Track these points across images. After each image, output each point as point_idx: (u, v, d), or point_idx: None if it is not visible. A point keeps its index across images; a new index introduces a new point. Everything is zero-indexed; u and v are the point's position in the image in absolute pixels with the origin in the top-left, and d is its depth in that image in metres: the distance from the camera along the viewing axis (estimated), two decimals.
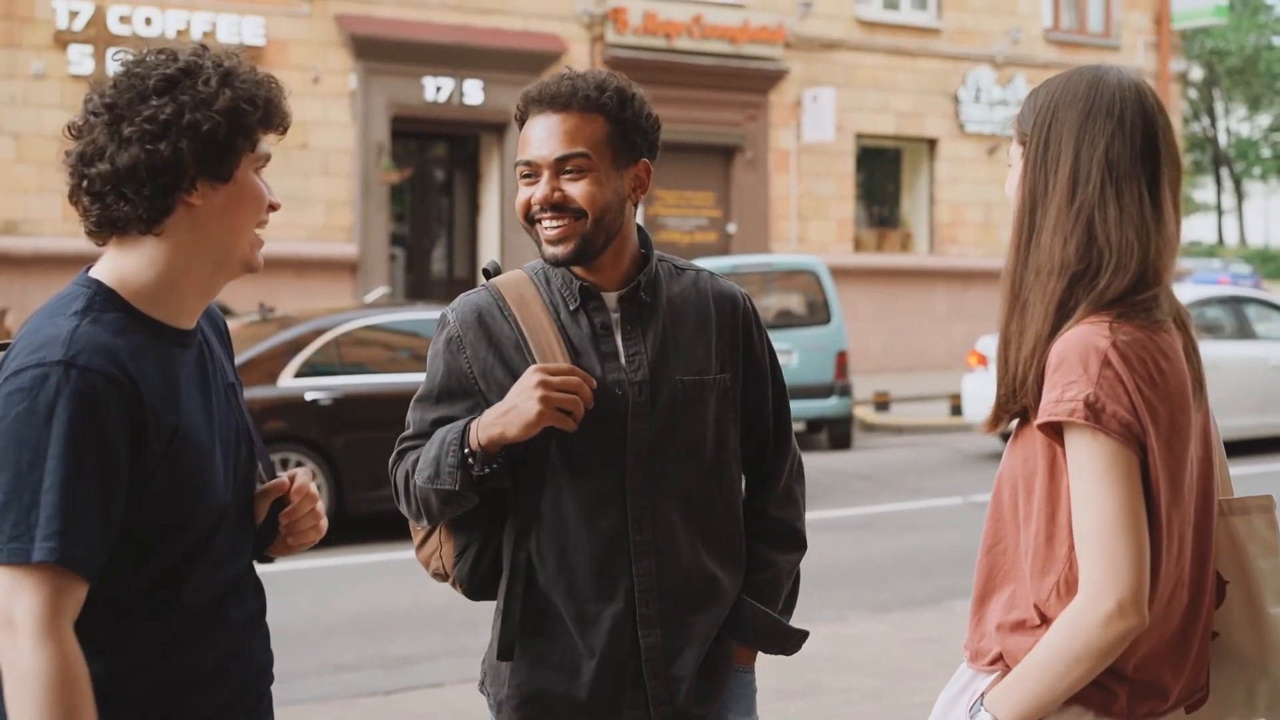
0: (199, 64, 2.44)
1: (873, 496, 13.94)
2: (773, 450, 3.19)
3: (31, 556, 2.23)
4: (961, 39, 27.12)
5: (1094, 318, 2.46)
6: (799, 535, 3.21)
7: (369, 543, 11.28)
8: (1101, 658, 2.40)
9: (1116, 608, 2.37)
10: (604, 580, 2.97)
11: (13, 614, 2.24)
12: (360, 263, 21.95)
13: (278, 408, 11.85)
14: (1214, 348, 16.63)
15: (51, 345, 2.31)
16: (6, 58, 19.78)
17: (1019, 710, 2.46)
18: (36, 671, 2.22)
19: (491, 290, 3.06)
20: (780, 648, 3.15)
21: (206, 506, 2.46)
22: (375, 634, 8.86)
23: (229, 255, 2.49)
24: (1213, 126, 51.92)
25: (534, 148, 2.97)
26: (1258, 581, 2.63)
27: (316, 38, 21.78)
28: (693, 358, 3.04)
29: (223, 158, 2.42)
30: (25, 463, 2.26)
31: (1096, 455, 2.40)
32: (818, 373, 16.94)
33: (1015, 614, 2.54)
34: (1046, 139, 2.54)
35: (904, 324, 26.36)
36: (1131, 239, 2.48)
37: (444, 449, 2.93)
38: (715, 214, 25.42)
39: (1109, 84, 2.55)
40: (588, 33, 23.80)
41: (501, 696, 3.06)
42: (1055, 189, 2.52)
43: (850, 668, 7.49)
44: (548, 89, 2.98)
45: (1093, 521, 2.40)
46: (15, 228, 19.74)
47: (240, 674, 2.57)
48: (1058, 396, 2.41)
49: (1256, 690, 2.65)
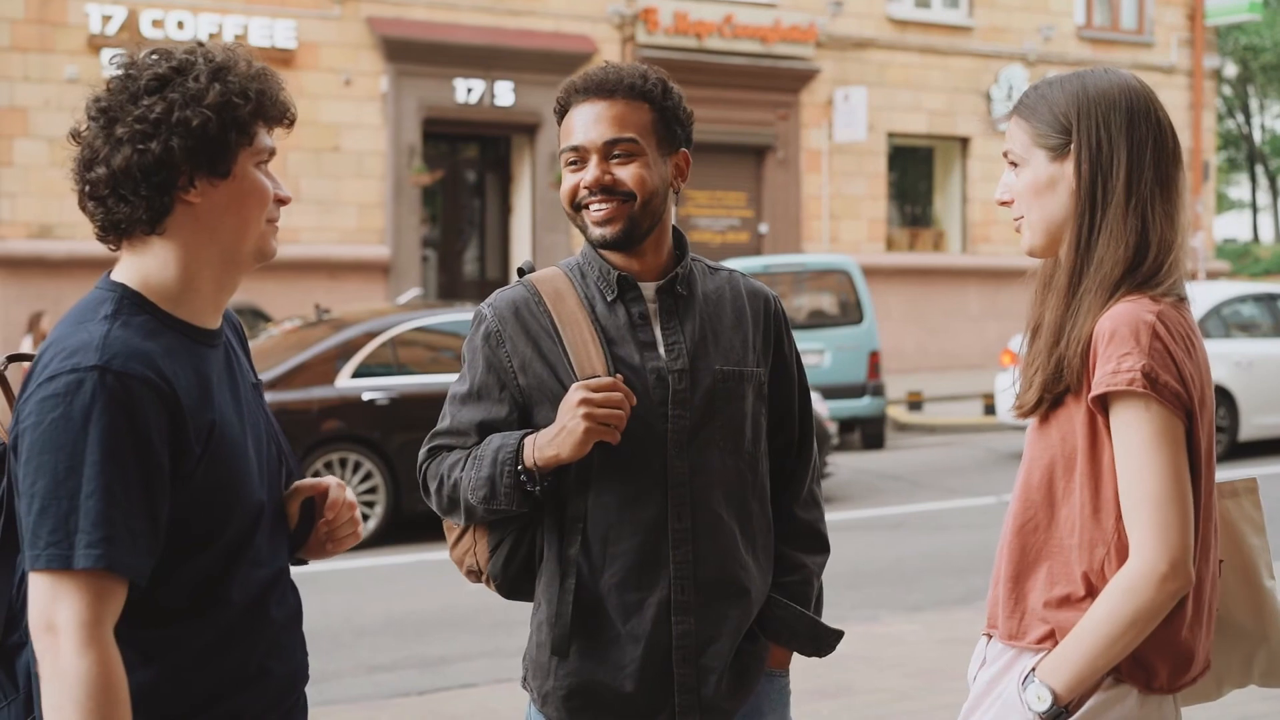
0: (191, 61, 2.42)
1: (906, 496, 13.92)
2: (796, 451, 3.21)
3: (74, 563, 2.22)
4: (993, 37, 27.03)
5: (1133, 296, 2.58)
6: (823, 538, 3.23)
7: (426, 542, 11.30)
8: (1155, 617, 2.51)
9: (1170, 568, 2.49)
10: (647, 569, 2.98)
11: (55, 620, 2.23)
12: (392, 265, 21.99)
13: (336, 408, 12.03)
14: (1249, 345, 16.54)
15: (85, 350, 2.30)
16: (40, 62, 19.91)
17: (1075, 676, 2.54)
18: (78, 678, 2.21)
19: (527, 285, 3.08)
20: (816, 648, 3.16)
21: (245, 504, 2.45)
22: (409, 635, 8.88)
23: (238, 250, 2.48)
24: (1247, 123, 51.57)
25: (581, 133, 3.00)
26: (1253, 558, 2.81)
27: (348, 40, 21.83)
28: (731, 348, 3.06)
29: (218, 153, 2.40)
30: (62, 469, 2.25)
31: (1151, 424, 2.51)
32: (850, 372, 16.92)
33: (1059, 589, 2.62)
34: (1097, 142, 2.65)
35: (937, 323, 26.28)
36: (1171, 233, 2.65)
37: (498, 469, 2.95)
38: (747, 214, 25.39)
39: (1136, 88, 2.70)
40: (619, 33, 23.80)
41: (547, 689, 3.06)
42: (1114, 190, 2.64)
43: (884, 668, 7.47)
44: (593, 77, 3.03)
45: (1145, 488, 2.51)
46: (50, 231, 19.86)
47: (282, 674, 2.57)
48: (1114, 368, 2.52)
49: (1254, 659, 2.82)
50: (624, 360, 2.99)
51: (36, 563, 2.24)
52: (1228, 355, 16.10)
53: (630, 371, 2.98)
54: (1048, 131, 2.69)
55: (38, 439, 2.27)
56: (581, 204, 3.01)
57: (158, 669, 2.35)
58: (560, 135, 3.07)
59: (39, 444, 2.27)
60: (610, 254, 3.05)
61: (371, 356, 12.33)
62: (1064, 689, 2.54)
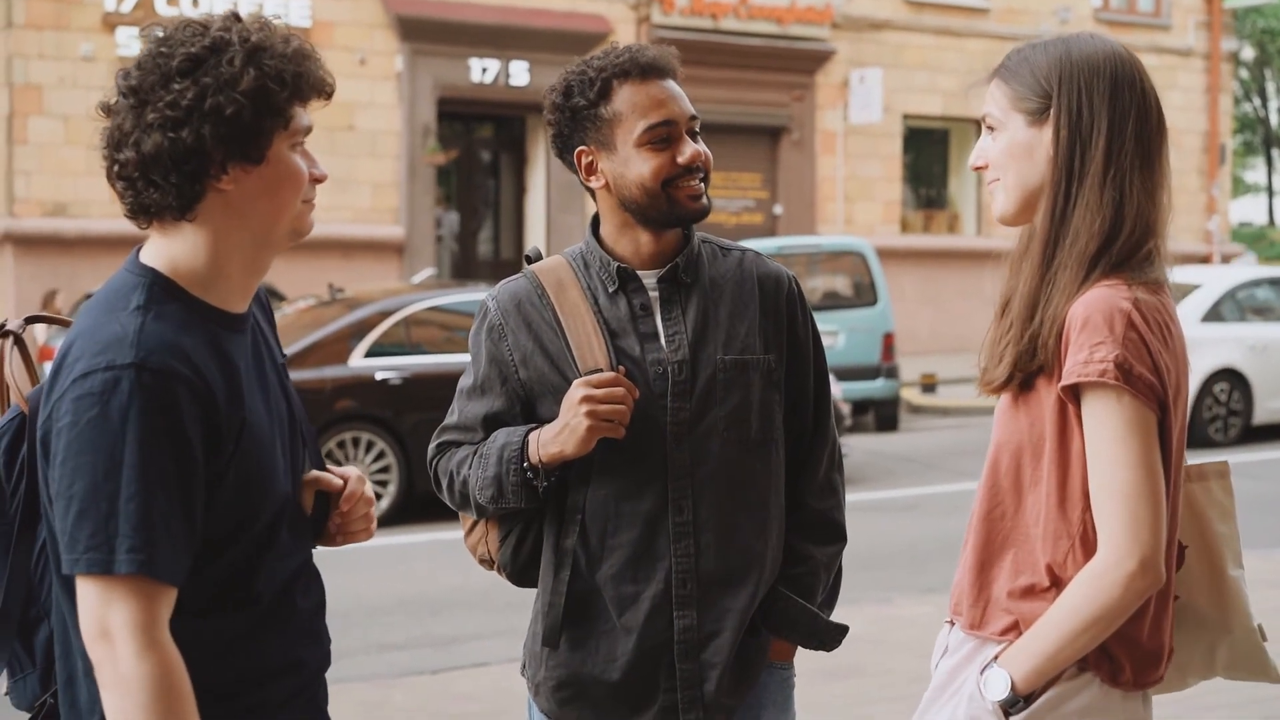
0: (226, 40, 2.32)
1: (919, 478, 13.92)
2: (811, 436, 3.14)
3: (115, 568, 2.18)
4: (1010, 19, 26.92)
5: (1109, 279, 2.49)
6: (838, 527, 3.16)
7: (438, 521, 11.30)
8: (1120, 615, 2.44)
9: (1139, 566, 2.41)
10: (644, 562, 2.96)
11: (109, 626, 2.20)
12: (407, 244, 21.99)
13: (349, 387, 12.03)
14: (1264, 329, 16.49)
15: (120, 346, 2.24)
16: (55, 40, 19.91)
17: (1034, 667, 2.48)
18: (141, 682, 2.18)
19: (530, 277, 3.06)
20: (818, 642, 3.11)
21: (271, 499, 2.41)
22: (421, 614, 8.90)
23: (271, 234, 2.41)
24: (1264, 107, 51.37)
25: (670, 107, 2.97)
26: (1218, 545, 2.71)
27: (362, 19, 21.81)
28: (734, 337, 3.02)
29: (251, 140, 2.31)
30: (101, 471, 2.20)
31: (1121, 415, 2.43)
32: (864, 354, 16.90)
33: (1023, 579, 2.56)
34: (1078, 109, 2.55)
35: (951, 305, 26.23)
36: (1148, 207, 2.55)
37: (504, 468, 2.94)
38: (762, 195, 25.35)
39: (1123, 56, 2.59)
40: (634, 13, 23.75)
41: (539, 679, 3.07)
42: (1092, 159, 2.54)
43: (895, 649, 7.47)
44: (646, 54, 2.99)
45: (1116, 481, 2.43)
46: (64, 209, 19.88)
47: (313, 663, 2.55)
48: (1086, 357, 2.43)
49: (1217, 650, 2.72)
50: (625, 352, 2.97)
51: (76, 566, 2.21)
52: (1242, 339, 16.07)
53: (631, 364, 2.96)
54: (1027, 95, 2.59)
55: (74, 439, 2.21)
56: (675, 182, 2.96)
57: (187, 661, 2.31)
58: (631, 111, 2.96)
59: (76, 445, 2.21)
60: (641, 233, 3.01)
61: (385, 336, 12.34)
62: (1023, 680, 2.49)
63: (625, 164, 2.97)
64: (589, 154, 3.03)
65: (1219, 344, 15.78)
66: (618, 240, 3.04)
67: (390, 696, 7.10)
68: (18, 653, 2.45)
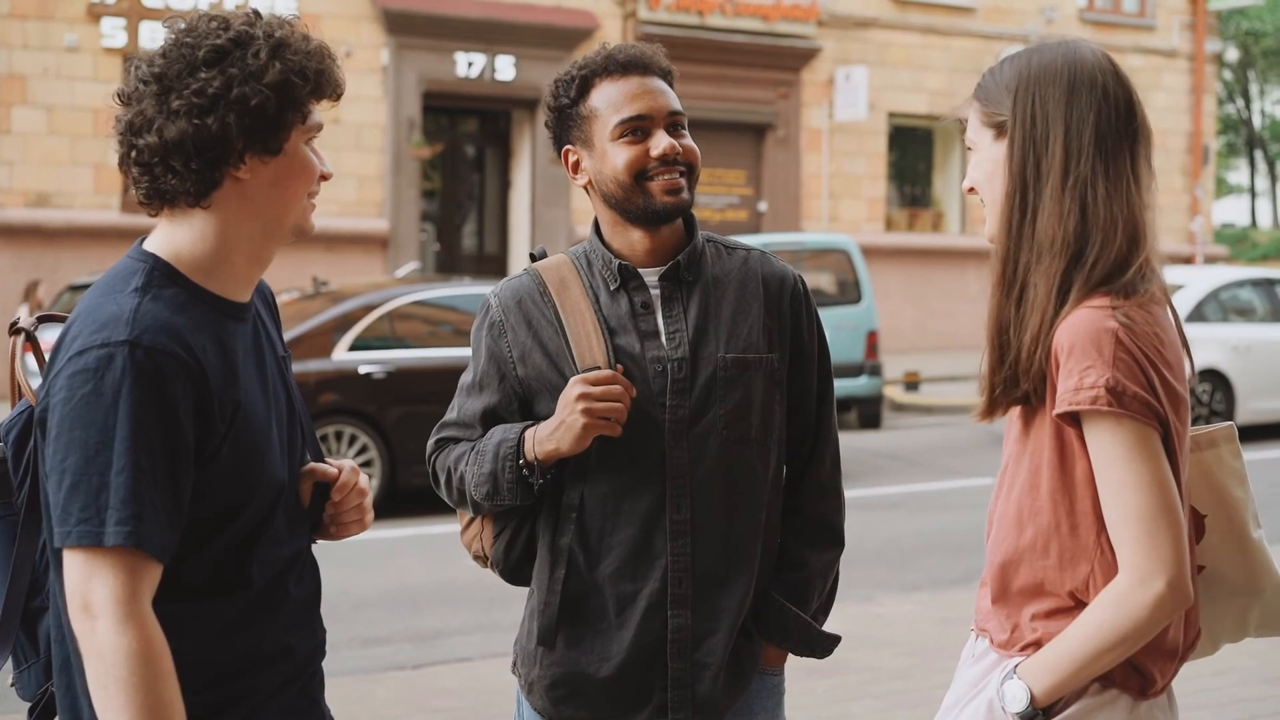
0: (250, 34, 2.38)
1: (902, 476, 13.94)
2: (812, 436, 3.12)
3: (104, 540, 2.20)
4: (995, 18, 26.96)
5: (1092, 299, 2.42)
6: (836, 532, 3.14)
7: (421, 515, 11.30)
8: (1145, 636, 2.41)
9: (1167, 588, 2.37)
10: (641, 560, 2.94)
11: (90, 598, 2.21)
12: (391, 238, 21.97)
13: (333, 381, 12.01)
14: (1246, 330, 16.54)
15: (115, 324, 2.27)
16: (39, 30, 19.84)
17: (1056, 683, 2.45)
18: (120, 655, 2.19)
19: (533, 274, 3.05)
20: (810, 650, 3.10)
21: (266, 484, 2.43)
22: (405, 608, 8.89)
23: (279, 226, 2.47)
24: (1247, 108, 51.49)
25: (646, 101, 2.95)
26: (1238, 509, 2.67)
27: (349, 12, 21.77)
28: (736, 335, 3.00)
29: (272, 132, 2.38)
30: (93, 445, 2.22)
31: (1124, 439, 2.38)
32: (848, 352, 16.90)
33: (1047, 604, 2.53)
34: (1032, 116, 2.49)
35: (935, 304, 26.27)
36: (1117, 214, 2.46)
37: (500, 465, 2.93)
38: (747, 192, 25.36)
39: (1085, 57, 2.52)
40: (620, 9, 23.74)
41: (533, 677, 3.05)
42: (1049, 167, 2.47)
43: (879, 646, 7.48)
44: (626, 51, 2.99)
45: (1130, 506, 2.38)
46: (48, 200, 19.81)
47: (303, 651, 2.57)
48: (1076, 384, 2.38)
49: (1249, 613, 2.70)
50: (625, 350, 2.95)
51: (68, 539, 2.23)
52: (1225, 340, 16.11)
53: (630, 361, 2.94)
54: (993, 110, 2.54)
55: (68, 414, 2.24)
56: (649, 174, 2.94)
57: (178, 645, 2.32)
58: (608, 107, 2.96)
59: (69, 419, 2.24)
60: (632, 230, 3.00)
61: (369, 329, 12.31)
62: (1043, 694, 2.46)
63: (602, 159, 2.97)
64: (574, 152, 3.03)
65: (1202, 345, 15.80)
66: (614, 238, 3.03)
67: (372, 691, 7.08)
68: (22, 643, 2.47)
